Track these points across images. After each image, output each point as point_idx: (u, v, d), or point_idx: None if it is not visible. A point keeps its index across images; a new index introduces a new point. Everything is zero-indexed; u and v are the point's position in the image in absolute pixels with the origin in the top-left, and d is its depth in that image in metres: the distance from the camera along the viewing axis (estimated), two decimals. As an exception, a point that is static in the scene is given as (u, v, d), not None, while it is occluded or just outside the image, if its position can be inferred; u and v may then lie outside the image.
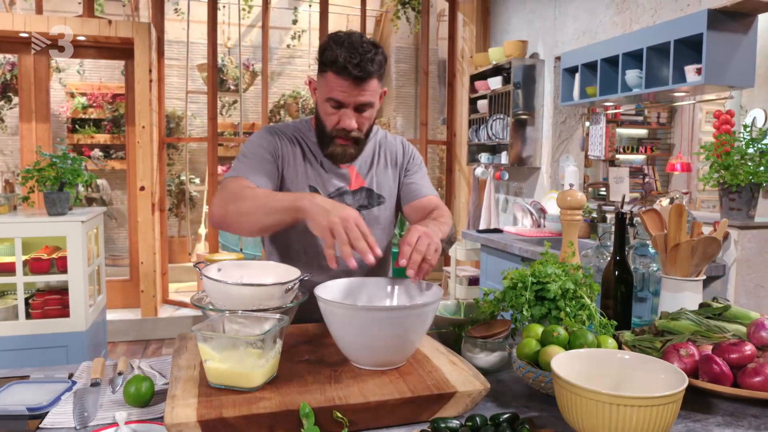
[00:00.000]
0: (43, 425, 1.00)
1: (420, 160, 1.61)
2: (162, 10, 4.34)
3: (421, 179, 1.56)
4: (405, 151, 1.59)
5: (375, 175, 1.53)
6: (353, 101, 1.35)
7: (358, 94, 1.34)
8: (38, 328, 2.65)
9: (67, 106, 5.96)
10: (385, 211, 1.54)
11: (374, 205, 1.52)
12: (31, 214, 2.76)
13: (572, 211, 1.41)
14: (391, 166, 1.56)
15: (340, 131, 1.39)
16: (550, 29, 3.86)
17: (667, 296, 1.45)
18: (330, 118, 1.39)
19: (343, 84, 1.32)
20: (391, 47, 6.96)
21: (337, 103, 1.36)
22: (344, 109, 1.37)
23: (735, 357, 1.07)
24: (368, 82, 1.33)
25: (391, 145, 1.58)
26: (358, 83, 1.32)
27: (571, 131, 3.87)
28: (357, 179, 1.52)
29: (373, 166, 1.54)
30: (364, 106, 1.37)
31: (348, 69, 1.30)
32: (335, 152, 1.43)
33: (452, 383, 1.02)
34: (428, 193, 1.54)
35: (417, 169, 1.58)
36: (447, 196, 5.41)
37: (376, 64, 1.33)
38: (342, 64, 1.30)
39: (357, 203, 1.50)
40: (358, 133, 1.41)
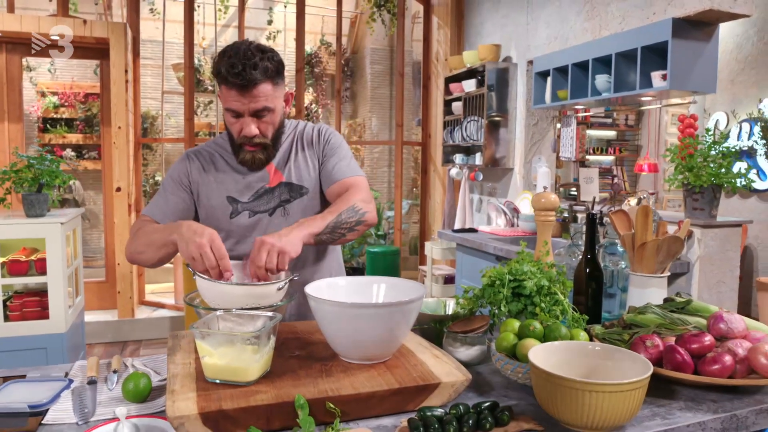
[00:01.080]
0: (45, 421, 1.03)
1: (338, 144, 1.59)
2: (137, 9, 4.33)
3: (337, 162, 1.55)
4: (320, 137, 1.60)
5: (293, 167, 1.55)
6: (247, 109, 1.41)
7: (250, 102, 1.39)
8: (17, 330, 2.64)
9: (38, 106, 5.87)
10: (310, 201, 1.55)
11: (296, 197, 1.54)
12: (8, 216, 2.75)
13: (546, 212, 1.49)
14: (309, 156, 1.57)
15: (244, 139, 1.45)
16: (522, 34, 3.97)
17: (634, 292, 1.54)
18: (233, 127, 1.46)
19: (232, 93, 1.38)
20: (367, 48, 7.02)
21: (234, 113, 1.42)
22: (242, 118, 1.42)
23: (696, 347, 1.16)
24: (257, 88, 1.37)
25: (308, 134, 1.60)
26: (246, 91, 1.37)
27: (543, 133, 3.99)
28: (276, 175, 1.55)
29: (290, 159, 1.56)
30: (261, 112, 1.42)
31: (229, 79, 1.36)
32: (245, 159, 1.49)
33: (436, 375, 1.09)
34: (344, 176, 1.52)
35: (333, 152, 1.57)
36: (422, 197, 5.49)
37: (261, 70, 1.36)
38: (224, 75, 1.36)
39: (279, 198, 1.53)
40: (262, 138, 1.46)
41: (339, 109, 5.14)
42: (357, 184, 1.51)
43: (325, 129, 1.62)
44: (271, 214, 1.53)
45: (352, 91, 7.53)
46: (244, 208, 1.52)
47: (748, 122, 4.58)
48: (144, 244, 1.40)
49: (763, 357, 1.11)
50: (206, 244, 1.21)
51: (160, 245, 1.36)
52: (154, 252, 1.39)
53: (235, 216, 1.52)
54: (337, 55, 5.12)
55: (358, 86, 7.45)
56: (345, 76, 7.33)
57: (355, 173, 1.55)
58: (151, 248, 1.39)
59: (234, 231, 1.53)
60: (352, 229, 1.42)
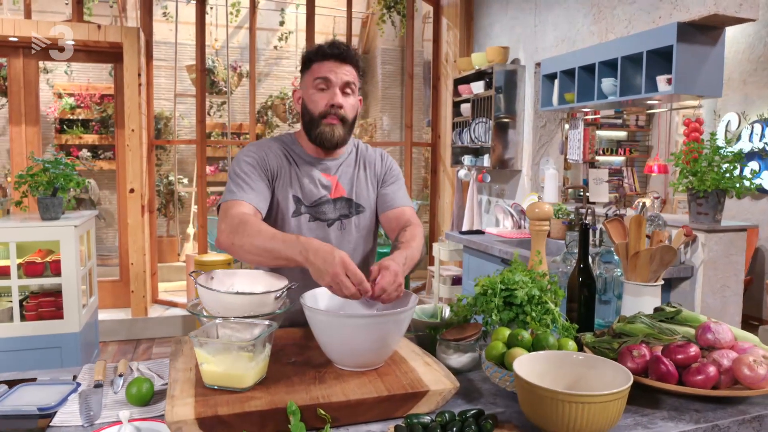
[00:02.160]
0: (53, 424, 1.09)
1: (397, 173, 1.71)
2: (150, 13, 4.40)
3: (396, 191, 1.66)
4: (383, 162, 1.70)
5: (355, 185, 1.64)
6: (339, 78, 1.52)
7: (343, 72, 1.52)
8: (33, 330, 2.72)
9: (55, 107, 5.99)
10: (364, 220, 1.64)
11: (354, 214, 1.62)
12: (24, 219, 2.83)
13: (540, 222, 1.52)
14: (370, 177, 1.66)
15: (329, 109, 1.52)
16: (530, 36, 3.98)
17: (628, 300, 1.57)
18: (319, 101, 1.53)
19: (328, 64, 1.52)
20: (377, 49, 7.05)
21: (325, 82, 1.52)
22: (332, 88, 1.52)
23: (681, 357, 1.18)
24: (349, 64, 1.53)
25: (371, 157, 1.70)
26: (341, 62, 1.52)
27: (550, 135, 4.00)
28: (338, 189, 1.62)
29: (353, 177, 1.64)
30: (348, 86, 1.53)
31: (329, 51, 1.51)
32: (324, 132, 1.53)
33: (425, 383, 1.13)
34: (402, 204, 1.64)
35: (393, 180, 1.68)
36: (432, 197, 5.52)
37: (353, 53, 1.54)
38: (324, 48, 1.52)
39: (338, 212, 1.60)
40: (345, 113, 1.54)
41: (349, 110, 5.18)
42: (412, 215, 1.64)
43: (386, 155, 1.73)
44: (330, 225, 1.60)
45: (363, 91, 7.55)
46: (306, 211, 1.57)
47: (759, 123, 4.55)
48: (255, 246, 1.33)
49: (747, 368, 1.13)
50: (341, 272, 1.19)
51: (280, 257, 1.30)
52: (270, 260, 1.34)
53: (296, 216, 1.56)
54: (347, 56, 5.16)
55: (369, 86, 7.49)
56: (356, 76, 7.36)
57: (410, 203, 1.68)
58: (261, 255, 1.33)
59: (291, 230, 1.55)
60: (418, 264, 1.53)
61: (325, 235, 1.60)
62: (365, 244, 1.67)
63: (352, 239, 1.64)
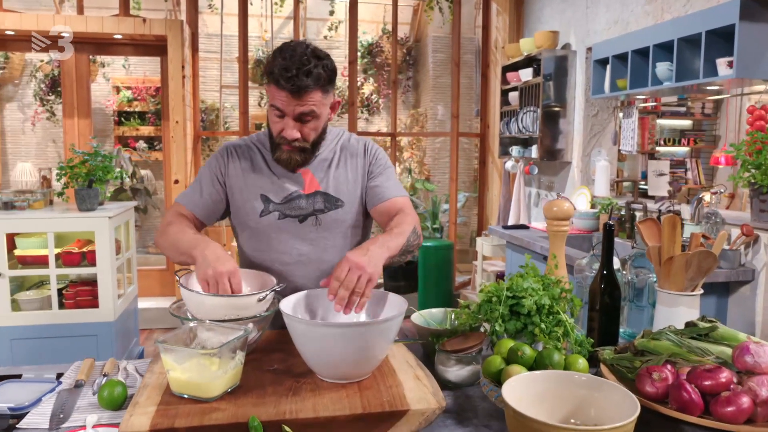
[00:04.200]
0: (20, 425, 1.05)
1: (384, 162, 1.57)
2: (196, 5, 4.44)
3: (385, 181, 1.53)
4: (367, 153, 1.57)
5: (332, 178, 1.52)
6: (292, 111, 1.38)
7: (297, 105, 1.36)
8: (70, 318, 2.79)
9: (113, 100, 6.19)
10: (344, 215, 1.52)
11: (331, 209, 1.51)
12: (65, 209, 2.90)
13: (558, 221, 1.37)
14: (351, 170, 1.54)
15: (282, 139, 1.43)
16: (582, 19, 3.72)
17: (662, 310, 1.39)
18: (275, 125, 1.43)
19: (281, 94, 1.35)
20: (429, 37, 6.88)
21: (279, 111, 1.39)
22: (286, 118, 1.40)
23: (709, 384, 1.02)
24: (308, 93, 1.35)
25: (353, 147, 1.57)
26: (296, 95, 1.34)
27: (603, 124, 3.74)
28: (312, 183, 1.51)
29: (331, 169, 1.53)
30: (305, 116, 1.39)
31: (280, 82, 1.33)
32: (281, 158, 1.46)
33: (408, 400, 1.02)
34: (392, 195, 1.51)
35: (381, 171, 1.55)
36: (480, 190, 5.34)
37: (314, 77, 1.33)
38: (276, 76, 1.33)
39: (312, 207, 1.50)
40: (301, 143, 1.43)
41: (395, 99, 5.08)
42: (406, 206, 1.50)
43: (371, 144, 1.60)
44: (302, 221, 1.50)
45: (414, 81, 7.42)
46: (275, 209, 1.50)
47: None
48: (170, 243, 1.40)
49: (788, 401, 0.96)
50: (226, 274, 1.19)
51: (182, 252, 1.34)
52: (175, 255, 1.39)
53: (264, 215, 1.50)
54: (392, 43, 5.05)
55: (420, 75, 7.33)
56: (407, 65, 7.23)
57: (402, 194, 1.54)
58: (173, 251, 1.39)
59: (260, 231, 1.52)
60: (412, 252, 1.41)
61: (298, 231, 1.51)
62: (349, 242, 1.55)
63: (330, 236, 1.53)
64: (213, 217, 1.55)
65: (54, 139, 6.30)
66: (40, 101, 6.17)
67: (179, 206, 1.52)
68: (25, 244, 2.88)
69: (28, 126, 6.26)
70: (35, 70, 6.14)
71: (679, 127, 5.12)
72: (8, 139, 6.26)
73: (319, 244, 1.52)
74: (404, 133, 6.44)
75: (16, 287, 2.93)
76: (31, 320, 2.75)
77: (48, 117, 6.21)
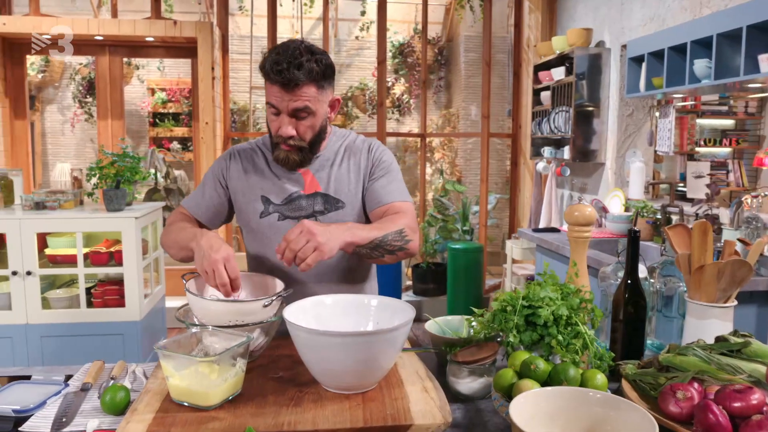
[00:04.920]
0: (22, 428, 1.05)
1: (388, 165, 1.52)
2: (226, 8, 4.47)
3: (387, 184, 1.48)
4: (371, 154, 1.53)
5: (333, 179, 1.49)
6: (286, 107, 1.36)
7: (290, 100, 1.35)
8: (97, 317, 2.83)
9: (148, 102, 6.31)
10: (345, 217, 1.48)
11: (332, 210, 1.48)
12: (94, 210, 2.95)
13: (580, 227, 1.30)
14: (353, 170, 1.51)
15: (279, 138, 1.41)
16: (616, 15, 3.60)
17: (692, 322, 1.31)
18: (272, 124, 1.42)
19: (274, 90, 1.35)
20: (461, 36, 6.80)
21: (275, 109, 1.38)
22: (281, 116, 1.38)
23: (738, 406, 0.94)
24: (300, 88, 1.34)
25: (357, 148, 1.54)
26: (288, 89, 1.33)
27: (638, 124, 3.61)
28: (312, 183, 1.49)
29: (332, 169, 1.50)
30: (300, 112, 1.37)
31: (271, 75, 1.33)
32: (279, 157, 1.45)
33: (412, 414, 0.98)
34: (393, 200, 1.46)
35: (383, 173, 1.50)
36: (512, 191, 5.24)
37: (305, 71, 1.32)
38: (267, 70, 1.34)
39: (311, 207, 1.47)
40: (297, 141, 1.41)
41: (425, 99, 5.02)
42: (406, 211, 1.45)
43: (377, 145, 1.56)
44: None
45: (446, 80, 7.35)
46: (275, 210, 1.49)
47: None
48: (172, 239, 1.44)
49: (827, 427, 0.87)
50: (220, 261, 1.20)
51: (182, 246, 1.38)
52: (177, 251, 1.43)
53: (264, 216, 1.50)
54: (422, 43, 5.00)
55: (453, 75, 7.25)
56: (439, 64, 7.17)
57: (405, 198, 1.49)
58: (175, 247, 1.43)
59: (261, 232, 1.51)
60: (393, 252, 1.36)
61: None
62: None
63: None
64: (216, 219, 1.57)
65: (92, 139, 6.47)
66: (78, 103, 6.34)
67: (182, 209, 1.57)
68: (56, 243, 2.93)
69: (68, 127, 6.44)
70: (74, 73, 6.31)
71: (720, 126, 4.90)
72: (48, 140, 6.45)
73: None
74: (434, 133, 6.38)
75: (47, 285, 2.99)
76: (60, 318, 2.81)
77: (86, 119, 6.37)
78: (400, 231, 1.35)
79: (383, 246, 1.33)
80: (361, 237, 1.28)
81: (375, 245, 1.31)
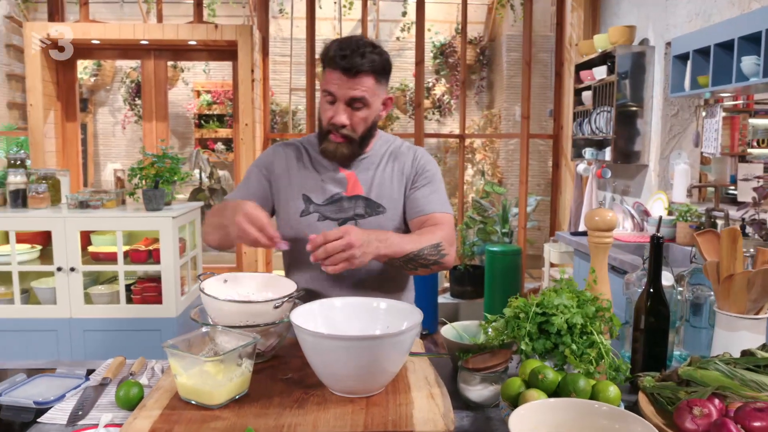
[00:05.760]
0: (40, 420, 1.09)
1: (432, 175, 1.51)
2: (267, 10, 4.55)
3: (428, 194, 1.47)
4: (415, 162, 1.52)
5: (376, 183, 1.49)
6: (344, 94, 1.37)
7: (349, 87, 1.37)
8: (136, 313, 2.93)
9: (194, 104, 6.49)
10: (386, 222, 1.47)
11: (372, 214, 1.47)
12: (135, 209, 3.04)
13: (600, 233, 1.25)
14: (396, 176, 1.50)
15: (332, 126, 1.41)
16: (661, 12, 3.47)
17: (720, 334, 1.24)
18: (325, 113, 1.43)
19: (334, 76, 1.37)
20: (503, 35, 6.70)
21: (331, 96, 1.39)
22: (337, 104, 1.39)
23: (758, 425, 0.88)
24: (360, 76, 1.36)
25: (403, 155, 1.53)
26: (349, 76, 1.36)
27: (684, 125, 3.47)
28: (355, 186, 1.49)
29: (376, 172, 1.49)
30: (357, 101, 1.38)
31: (336, 60, 1.35)
32: (327, 148, 1.44)
33: (414, 421, 0.96)
34: (433, 210, 1.45)
35: (426, 182, 1.49)
36: (553, 193, 5.13)
37: (368, 61, 1.35)
38: (331, 56, 1.37)
39: (353, 210, 1.47)
40: (350, 131, 1.41)
41: (464, 100, 4.98)
42: (445, 223, 1.45)
43: (422, 154, 1.56)
44: (341, 225, 1.48)
45: (488, 80, 7.26)
46: (315, 210, 1.49)
47: None
48: (209, 224, 1.44)
49: None
50: (243, 220, 1.19)
51: (216, 226, 1.38)
52: (216, 239, 1.43)
53: (304, 215, 1.50)
54: (462, 43, 4.95)
55: (495, 75, 7.16)
56: (481, 64, 7.09)
57: (445, 209, 1.49)
58: (213, 235, 1.43)
59: (299, 230, 1.50)
60: (428, 266, 1.36)
61: None
62: None
63: None
64: None
65: (141, 140, 6.70)
66: (128, 105, 6.58)
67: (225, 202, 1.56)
68: (99, 241, 3.05)
69: (118, 129, 6.69)
70: (125, 76, 6.55)
71: (776, 127, 4.65)
72: (100, 141, 6.72)
73: None
74: (473, 134, 6.31)
75: (91, 281, 3.11)
76: (101, 313, 2.91)
77: (136, 120, 6.60)
78: (437, 245, 1.35)
79: (418, 259, 1.32)
80: (397, 250, 1.28)
81: (409, 258, 1.31)
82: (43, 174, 3.06)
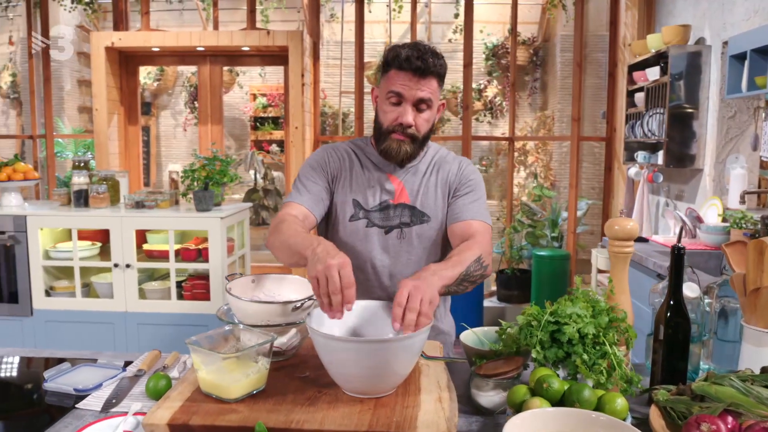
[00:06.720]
0: (77, 405, 1.19)
1: (475, 185, 1.53)
2: (317, 15, 4.65)
3: (469, 203, 1.49)
4: (459, 172, 1.55)
5: (422, 193, 1.52)
6: (413, 95, 1.40)
7: (418, 89, 1.39)
8: (185, 309, 3.07)
9: (250, 107, 6.70)
10: (428, 231, 1.51)
11: (416, 223, 1.50)
12: (187, 209, 3.19)
13: (620, 242, 1.23)
14: (440, 185, 1.53)
15: (398, 126, 1.43)
16: (717, 10, 3.33)
17: (747, 348, 1.21)
18: (388, 115, 1.44)
19: (404, 77, 1.39)
20: (557, 36, 6.57)
21: (397, 97, 1.41)
22: (404, 105, 1.41)
23: (767, 443, 0.86)
24: (428, 78, 1.39)
25: (447, 164, 1.56)
26: (419, 77, 1.38)
27: (741, 128, 3.31)
28: (401, 194, 1.52)
29: (422, 183, 1.52)
30: (423, 103, 1.41)
31: (410, 60, 1.37)
32: (391, 147, 1.45)
33: (417, 423, 0.99)
34: (470, 217, 1.46)
35: (467, 191, 1.52)
36: (605, 197, 4.99)
37: (438, 64, 1.40)
38: (404, 57, 1.38)
39: (398, 219, 1.50)
40: (414, 130, 1.43)
41: (513, 102, 4.93)
42: (483, 232, 1.46)
43: (467, 164, 1.59)
44: (388, 233, 1.52)
45: (542, 82, 7.13)
46: (364, 216, 1.52)
47: None
48: (281, 242, 1.36)
49: None
50: (335, 266, 1.08)
51: (294, 252, 1.30)
52: (288, 257, 1.36)
53: (354, 220, 1.52)
54: (512, 43, 4.90)
55: (549, 76, 7.03)
56: (534, 65, 6.97)
57: (485, 219, 1.50)
58: (285, 251, 1.35)
59: (346, 235, 1.53)
60: (475, 282, 1.37)
61: (382, 242, 1.52)
62: (429, 258, 1.53)
63: (412, 250, 1.52)
64: (320, 208, 1.51)
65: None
66: (189, 109, 6.87)
67: (289, 204, 1.49)
68: (154, 239, 3.21)
69: (179, 131, 6.99)
70: (186, 81, 6.84)
71: None
72: (162, 143, 7.05)
73: (400, 257, 1.53)
74: (521, 137, 6.22)
75: (146, 278, 3.28)
76: (154, 308, 3.07)
77: (195, 123, 6.88)
78: (478, 259, 1.35)
79: (467, 279, 1.32)
80: (449, 277, 1.24)
81: (460, 280, 1.30)
82: (103, 175, 3.25)
